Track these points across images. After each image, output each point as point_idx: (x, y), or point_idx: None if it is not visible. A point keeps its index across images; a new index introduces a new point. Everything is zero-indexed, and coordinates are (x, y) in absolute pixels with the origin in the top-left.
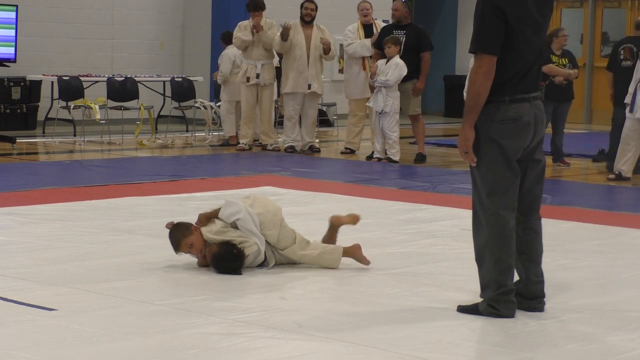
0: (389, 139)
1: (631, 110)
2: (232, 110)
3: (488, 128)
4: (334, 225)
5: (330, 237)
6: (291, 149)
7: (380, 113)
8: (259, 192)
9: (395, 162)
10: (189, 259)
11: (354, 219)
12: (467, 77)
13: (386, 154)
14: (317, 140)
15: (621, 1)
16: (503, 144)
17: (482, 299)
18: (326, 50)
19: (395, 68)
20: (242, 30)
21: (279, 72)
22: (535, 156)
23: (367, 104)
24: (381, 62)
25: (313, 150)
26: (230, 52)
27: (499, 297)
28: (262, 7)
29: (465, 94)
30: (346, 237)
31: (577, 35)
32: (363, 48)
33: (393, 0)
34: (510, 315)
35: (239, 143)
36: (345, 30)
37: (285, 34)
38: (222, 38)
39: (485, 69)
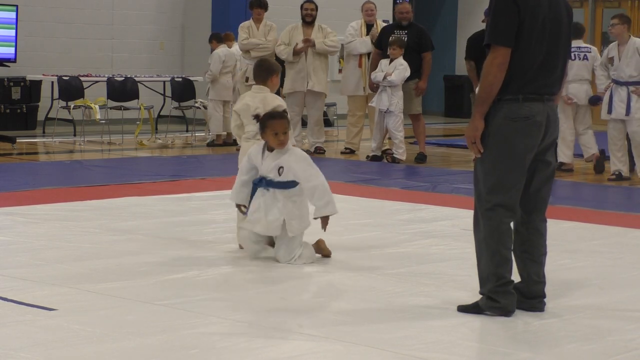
0: (395, 138)
1: (609, 112)
2: (218, 110)
3: (499, 125)
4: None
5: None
6: None
7: (385, 112)
8: None
9: (400, 161)
10: (190, 260)
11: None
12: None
13: (382, 152)
14: (322, 140)
15: (621, 1)
16: (513, 142)
17: (481, 296)
18: (306, 48)
19: (399, 68)
20: (245, 31)
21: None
22: (546, 157)
23: (370, 103)
24: (384, 62)
25: (318, 151)
26: (221, 51)
27: (498, 288)
28: (265, 7)
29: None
30: (344, 237)
31: None
32: (362, 45)
33: (396, 2)
34: (511, 306)
35: (225, 143)
36: (348, 27)
37: (296, 53)
38: (214, 38)
39: (500, 60)
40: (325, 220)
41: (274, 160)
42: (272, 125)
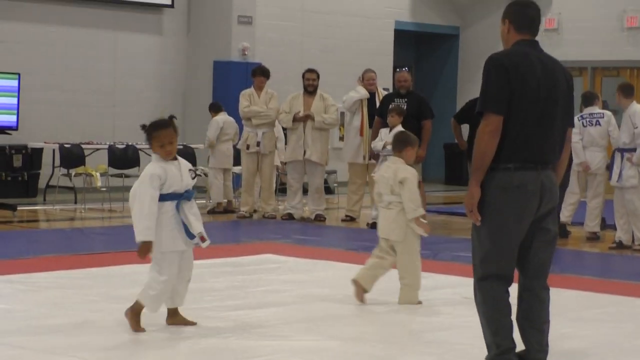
0: None
1: (610, 178)
2: (219, 177)
3: (492, 195)
4: None
5: None
6: (287, 217)
7: None
8: (258, 260)
9: None
10: (190, 329)
11: None
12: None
13: None
14: (323, 208)
15: (620, 70)
16: (505, 213)
17: None
18: (305, 119)
19: None
20: (246, 99)
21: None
22: (544, 225)
23: (372, 174)
24: (384, 131)
25: (318, 219)
26: (220, 118)
27: (498, 357)
28: (267, 75)
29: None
30: (346, 305)
31: (577, 104)
32: (355, 93)
33: (396, 71)
34: None
35: (225, 210)
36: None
37: (296, 120)
38: (213, 108)
39: (492, 128)
40: None
41: (184, 168)
42: (157, 136)
